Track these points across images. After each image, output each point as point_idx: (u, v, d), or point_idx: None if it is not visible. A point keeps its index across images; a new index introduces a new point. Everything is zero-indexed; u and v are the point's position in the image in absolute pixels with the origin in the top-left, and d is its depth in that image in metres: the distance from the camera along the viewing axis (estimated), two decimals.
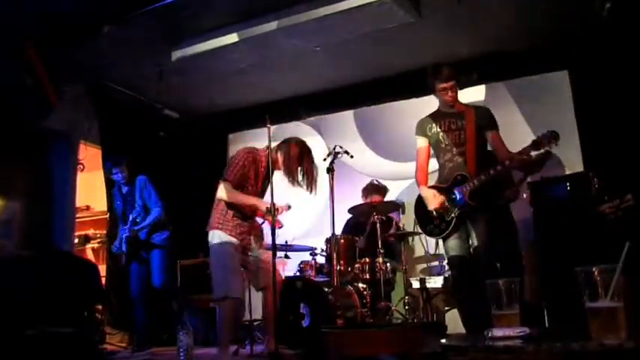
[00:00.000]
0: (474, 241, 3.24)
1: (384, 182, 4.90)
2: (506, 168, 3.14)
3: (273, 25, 4.07)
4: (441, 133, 3.35)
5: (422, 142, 3.45)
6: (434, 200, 3.26)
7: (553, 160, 4.43)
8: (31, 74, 4.23)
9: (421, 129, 3.46)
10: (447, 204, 3.24)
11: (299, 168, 3.26)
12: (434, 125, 3.39)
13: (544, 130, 3.17)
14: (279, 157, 3.31)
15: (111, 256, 4.81)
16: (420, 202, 3.44)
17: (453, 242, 3.25)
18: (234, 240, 3.20)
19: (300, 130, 5.75)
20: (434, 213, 3.30)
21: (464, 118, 3.31)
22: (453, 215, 3.21)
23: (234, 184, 3.20)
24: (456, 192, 3.21)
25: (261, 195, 3.39)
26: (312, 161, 3.34)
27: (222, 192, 3.19)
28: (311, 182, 3.28)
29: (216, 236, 3.21)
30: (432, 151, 3.46)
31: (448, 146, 3.32)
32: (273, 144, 3.37)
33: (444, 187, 3.30)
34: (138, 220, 4.26)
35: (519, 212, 3.84)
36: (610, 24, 3.92)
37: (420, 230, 4.35)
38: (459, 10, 4.09)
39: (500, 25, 4.32)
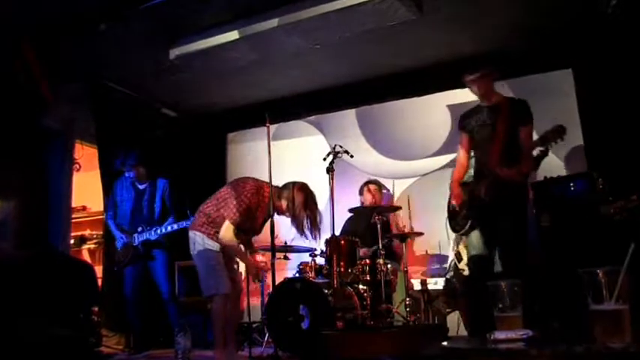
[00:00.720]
0: (495, 237, 3.20)
1: (386, 181, 4.89)
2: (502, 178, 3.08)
3: (273, 23, 4.03)
4: (477, 128, 3.30)
5: (462, 137, 3.41)
6: (454, 196, 3.29)
7: (556, 159, 4.40)
8: (27, 72, 4.17)
9: (462, 123, 3.41)
10: (465, 199, 3.22)
11: (304, 215, 3.31)
12: (471, 120, 3.35)
13: (549, 128, 3.13)
14: (283, 203, 3.35)
15: (108, 256, 4.75)
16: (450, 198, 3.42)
17: (475, 239, 3.21)
18: (216, 246, 3.27)
19: (302, 128, 5.72)
20: (456, 208, 3.27)
21: (498, 110, 3.23)
22: (471, 211, 3.16)
23: (236, 224, 3.24)
24: (474, 187, 3.19)
25: (260, 228, 3.47)
26: (316, 206, 3.39)
27: (224, 233, 3.23)
28: (315, 228, 3.35)
29: (198, 240, 3.27)
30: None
31: (480, 141, 3.28)
32: (277, 186, 3.41)
33: (468, 182, 3.29)
34: (172, 229, 4.15)
35: None
36: (615, 21, 3.88)
37: (421, 230, 4.36)
38: (461, 8, 4.04)
39: (502, 22, 4.27)
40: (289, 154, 5.55)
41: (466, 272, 3.99)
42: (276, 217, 3.38)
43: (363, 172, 5.12)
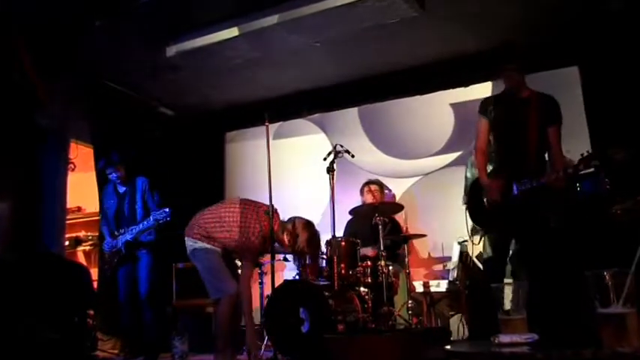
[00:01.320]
0: (516, 239, 3.09)
1: (389, 180, 4.85)
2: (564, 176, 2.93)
3: (274, 19, 3.98)
4: (499, 118, 3.13)
5: (482, 123, 3.22)
6: (493, 192, 3.05)
7: None
8: (21, 71, 4.09)
9: (483, 108, 3.23)
10: (502, 198, 3.04)
11: (306, 252, 3.39)
12: (495, 108, 3.17)
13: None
14: (285, 238, 3.35)
15: (103, 258, 4.66)
16: (476, 187, 3.25)
17: (495, 239, 3.09)
18: (217, 248, 3.23)
19: (304, 126, 5.68)
20: (485, 204, 3.13)
21: (528, 105, 3.08)
22: (505, 210, 3.00)
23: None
24: (514, 186, 3.00)
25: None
26: (319, 245, 3.45)
27: (248, 274, 3.28)
28: (315, 264, 3.45)
29: (198, 245, 3.23)
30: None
31: (504, 134, 3.12)
32: (282, 220, 3.40)
33: (501, 177, 3.09)
34: (145, 225, 4.07)
35: None
36: (622, 18, 3.82)
37: (424, 232, 4.27)
38: (463, 5, 3.98)
39: (506, 19, 4.20)
40: (291, 153, 5.52)
41: None
42: None
43: (366, 172, 5.06)
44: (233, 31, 4.12)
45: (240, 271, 3.51)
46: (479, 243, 3.47)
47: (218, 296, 3.18)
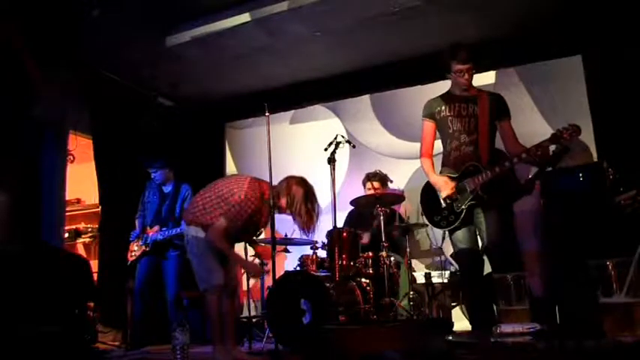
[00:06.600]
0: (483, 234, 3.11)
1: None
2: (520, 162, 3.00)
3: (283, 6, 3.99)
4: (450, 118, 3.18)
5: (429, 125, 3.29)
6: (446, 187, 3.11)
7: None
8: (16, 60, 4.04)
9: (429, 111, 3.29)
10: (457, 194, 3.09)
11: (305, 210, 3.19)
12: (443, 108, 3.22)
13: (557, 118, 3.07)
14: (283, 201, 3.23)
15: (104, 249, 4.67)
16: (427, 190, 3.28)
17: (461, 234, 3.11)
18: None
19: (319, 112, 5.70)
20: (442, 204, 3.14)
21: (476, 103, 3.15)
22: (462, 207, 3.06)
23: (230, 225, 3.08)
24: (466, 183, 3.07)
25: (264, 226, 3.36)
26: (316, 201, 3.26)
27: (217, 228, 3.05)
28: (311, 223, 3.21)
29: (192, 232, 3.14)
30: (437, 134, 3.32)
31: (456, 132, 3.16)
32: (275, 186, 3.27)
33: (453, 176, 3.15)
34: (177, 232, 4.16)
35: (529, 204, 3.71)
36: (626, 6, 3.76)
37: (425, 222, 4.24)
38: None
39: (510, 7, 4.14)
40: (307, 137, 5.55)
41: None
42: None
43: (378, 154, 5.18)
44: (241, 18, 4.11)
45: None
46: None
47: (204, 287, 3.11)
